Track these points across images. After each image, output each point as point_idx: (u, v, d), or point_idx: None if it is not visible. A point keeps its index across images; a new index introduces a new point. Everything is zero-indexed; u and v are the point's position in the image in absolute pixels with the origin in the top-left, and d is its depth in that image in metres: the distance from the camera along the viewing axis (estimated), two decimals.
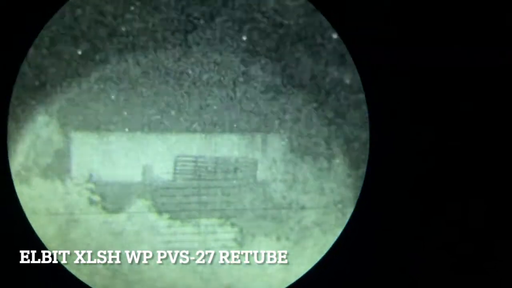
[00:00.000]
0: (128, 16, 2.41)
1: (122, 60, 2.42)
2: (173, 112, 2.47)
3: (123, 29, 2.40)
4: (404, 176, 2.36)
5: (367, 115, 2.47)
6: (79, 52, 2.38)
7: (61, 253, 2.34)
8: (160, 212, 2.46)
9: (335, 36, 2.46)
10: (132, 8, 2.41)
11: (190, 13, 2.44)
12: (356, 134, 2.54)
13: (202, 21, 2.46)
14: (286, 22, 2.49)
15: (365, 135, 2.51)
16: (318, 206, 2.54)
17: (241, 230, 2.51)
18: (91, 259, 2.37)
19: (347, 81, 2.52)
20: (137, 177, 2.45)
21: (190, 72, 2.47)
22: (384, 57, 2.35)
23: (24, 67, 2.33)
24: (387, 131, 2.37)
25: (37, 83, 2.38)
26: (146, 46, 2.43)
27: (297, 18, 2.49)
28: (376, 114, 2.42)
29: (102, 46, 2.40)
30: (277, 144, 2.54)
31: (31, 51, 2.33)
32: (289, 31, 2.50)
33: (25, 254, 2.23)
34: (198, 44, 2.46)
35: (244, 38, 2.47)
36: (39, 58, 2.37)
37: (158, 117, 2.46)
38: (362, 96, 2.49)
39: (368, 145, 2.47)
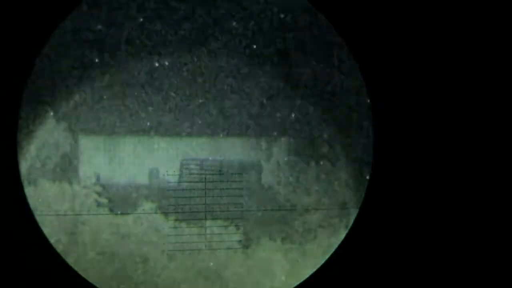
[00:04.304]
0: (137, 23, 2.45)
1: (130, 66, 2.46)
2: (179, 116, 2.50)
3: (132, 35, 2.44)
4: (409, 178, 2.36)
5: (371, 117, 2.49)
6: (88, 58, 2.43)
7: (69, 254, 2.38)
8: (166, 214, 2.49)
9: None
10: (140, 15, 2.45)
11: (196, 19, 2.48)
12: (360, 137, 2.55)
13: (207, 27, 2.49)
14: (290, 25, 2.51)
15: (369, 137, 2.52)
16: (322, 208, 2.55)
17: (246, 232, 2.53)
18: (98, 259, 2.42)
19: (351, 83, 2.54)
20: (144, 180, 2.48)
21: (196, 77, 2.50)
22: (388, 58, 2.35)
23: (34, 73, 2.37)
24: (392, 133, 2.37)
25: (46, 88, 2.42)
26: (154, 52, 2.46)
27: (300, 21, 2.52)
28: (380, 116, 2.42)
29: (111, 52, 2.44)
30: (281, 147, 2.55)
31: (41, 56, 2.37)
32: (293, 34, 2.52)
33: (33, 254, 2.26)
34: (204, 49, 2.49)
35: (249, 42, 2.50)
36: (48, 64, 2.41)
37: (165, 120, 2.49)
38: (366, 98, 2.50)
39: (372, 148, 2.48)
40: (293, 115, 2.54)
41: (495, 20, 2.24)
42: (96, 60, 2.43)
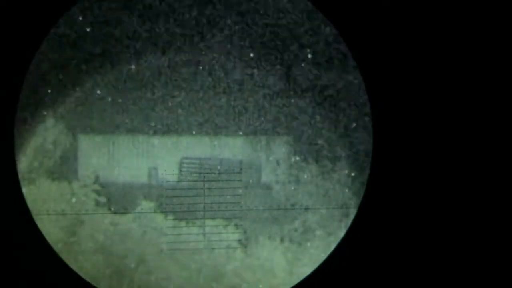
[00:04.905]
0: (134, 20, 2.44)
1: (129, 64, 2.45)
2: (178, 115, 2.49)
3: (129, 33, 2.43)
4: (407, 178, 2.37)
5: (370, 118, 2.49)
6: (86, 57, 2.42)
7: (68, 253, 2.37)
8: (165, 213, 2.49)
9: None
10: (137, 12, 2.44)
11: (197, 18, 2.47)
12: (359, 137, 2.56)
13: (208, 26, 2.48)
14: (289, 26, 2.51)
15: (368, 137, 2.53)
16: (321, 208, 2.56)
17: (245, 231, 2.53)
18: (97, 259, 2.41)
19: (351, 84, 2.55)
20: (143, 179, 2.48)
21: (196, 76, 2.50)
22: (387, 58, 2.36)
23: (31, 72, 2.35)
24: (391, 133, 2.38)
25: (43, 87, 2.40)
26: (152, 50, 2.46)
27: (300, 21, 2.52)
28: (379, 116, 2.43)
29: (109, 51, 2.43)
30: (281, 146, 2.56)
31: (38, 56, 2.36)
32: (293, 35, 2.53)
33: (31, 254, 2.25)
34: (204, 48, 2.49)
35: (249, 43, 2.50)
36: (45, 63, 2.40)
37: (164, 119, 2.49)
38: (365, 98, 2.51)
39: (371, 148, 2.49)
40: (294, 115, 2.54)
41: (495, 20, 2.25)
42: (96, 59, 2.42)
